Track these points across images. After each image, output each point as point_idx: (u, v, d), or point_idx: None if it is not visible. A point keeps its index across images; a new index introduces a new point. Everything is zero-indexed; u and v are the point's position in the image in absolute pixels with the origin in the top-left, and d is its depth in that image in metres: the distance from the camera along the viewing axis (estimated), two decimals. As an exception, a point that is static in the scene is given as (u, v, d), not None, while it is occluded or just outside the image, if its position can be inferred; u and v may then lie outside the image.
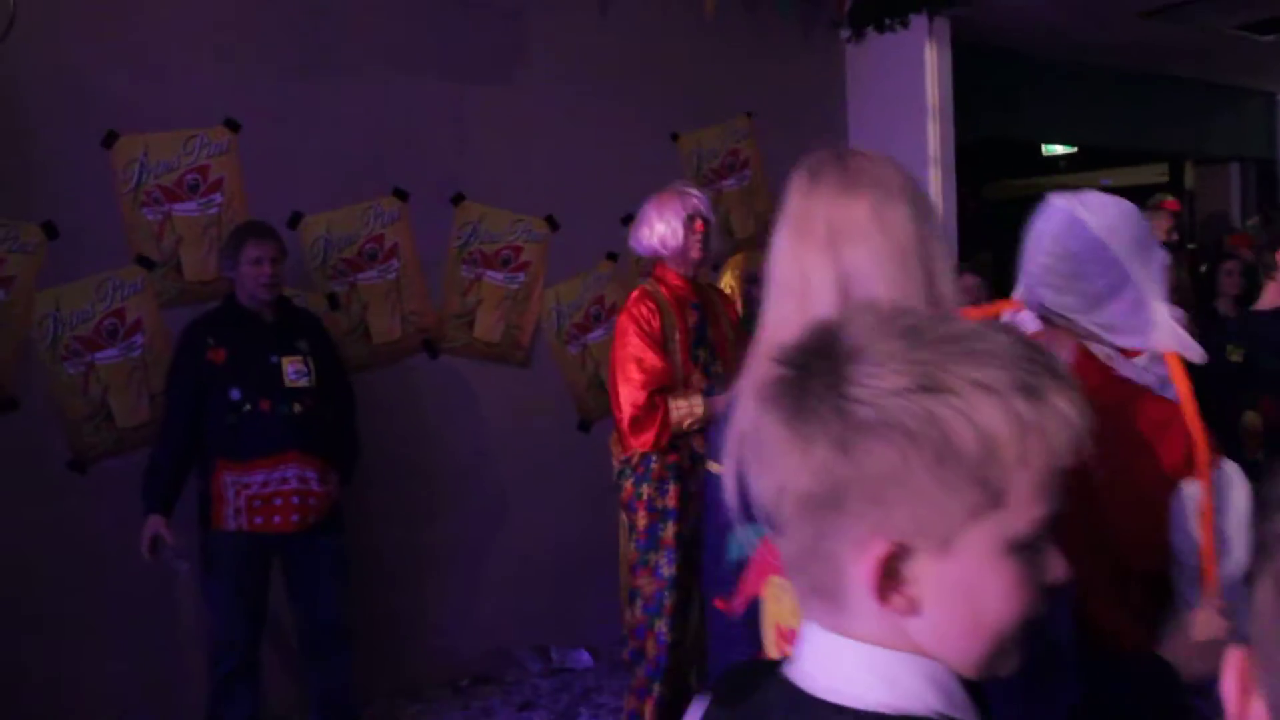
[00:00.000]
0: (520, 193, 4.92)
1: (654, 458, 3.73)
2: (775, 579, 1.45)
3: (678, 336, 3.78)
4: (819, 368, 0.83)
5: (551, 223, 5.01)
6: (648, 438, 3.66)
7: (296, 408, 3.64)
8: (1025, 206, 1.90)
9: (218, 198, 4.27)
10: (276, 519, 3.58)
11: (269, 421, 3.59)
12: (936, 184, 5.67)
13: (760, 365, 1.06)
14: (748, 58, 5.60)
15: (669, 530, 3.75)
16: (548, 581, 4.94)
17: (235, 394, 3.59)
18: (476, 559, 4.83)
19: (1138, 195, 10.83)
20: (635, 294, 3.84)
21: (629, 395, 3.69)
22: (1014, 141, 9.99)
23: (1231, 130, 8.52)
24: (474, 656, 4.77)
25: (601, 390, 5.16)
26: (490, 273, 4.88)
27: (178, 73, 4.17)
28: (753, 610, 1.50)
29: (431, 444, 4.68)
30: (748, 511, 1.31)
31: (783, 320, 1.43)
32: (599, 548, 5.00)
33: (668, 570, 3.74)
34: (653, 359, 3.68)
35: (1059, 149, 10.41)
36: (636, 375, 3.68)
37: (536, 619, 4.94)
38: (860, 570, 0.81)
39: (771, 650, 1.47)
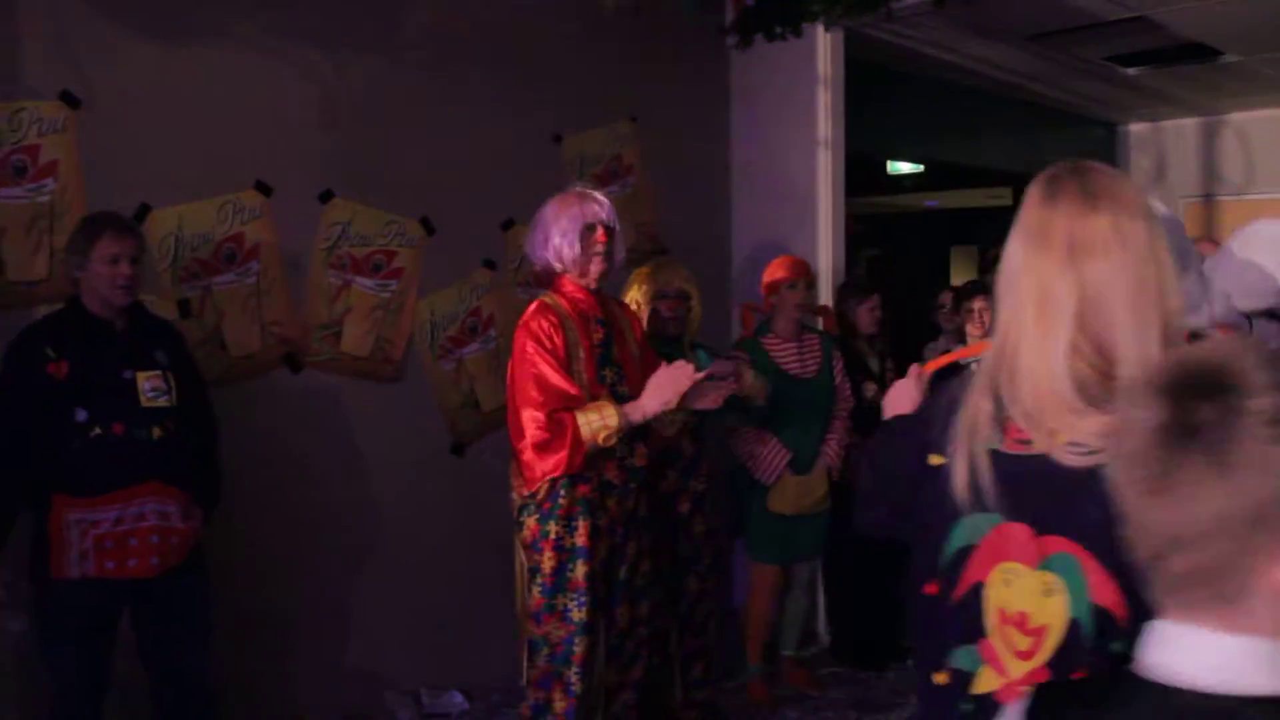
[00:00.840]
0: (394, 192, 4.48)
1: (562, 491, 3.37)
2: (1005, 565, 1.52)
3: (582, 355, 3.43)
4: (1220, 398, 0.96)
5: (426, 226, 4.58)
6: (559, 459, 3.30)
7: (156, 432, 3.12)
8: (868, 224, 1.83)
9: (49, 184, 3.69)
10: (132, 562, 3.05)
11: (123, 448, 3.06)
12: (827, 197, 5.49)
13: (1130, 392, 1.07)
14: (633, 59, 5.30)
15: (579, 570, 3.39)
16: (419, 619, 4.49)
17: (82, 415, 3.04)
18: (341, 598, 4.35)
19: (978, 217, 11.13)
20: (533, 307, 3.46)
21: (531, 417, 3.32)
22: (860, 157, 10.06)
23: (1073, 157, 8.68)
24: (340, 705, 4.29)
25: (476, 409, 4.76)
26: (360, 279, 4.41)
27: (2, 36, 3.58)
28: (971, 596, 1.55)
29: (293, 469, 4.18)
30: (979, 499, 1.51)
31: (1018, 331, 1.51)
32: (473, 581, 4.59)
33: (578, 614, 3.38)
34: (556, 379, 3.31)
35: (905, 167, 10.51)
36: (538, 396, 3.31)
37: (407, 661, 4.49)
38: (1273, 577, 0.95)
39: (994, 636, 1.53)
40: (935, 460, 1.60)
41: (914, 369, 2.13)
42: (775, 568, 4.66)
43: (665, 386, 3.33)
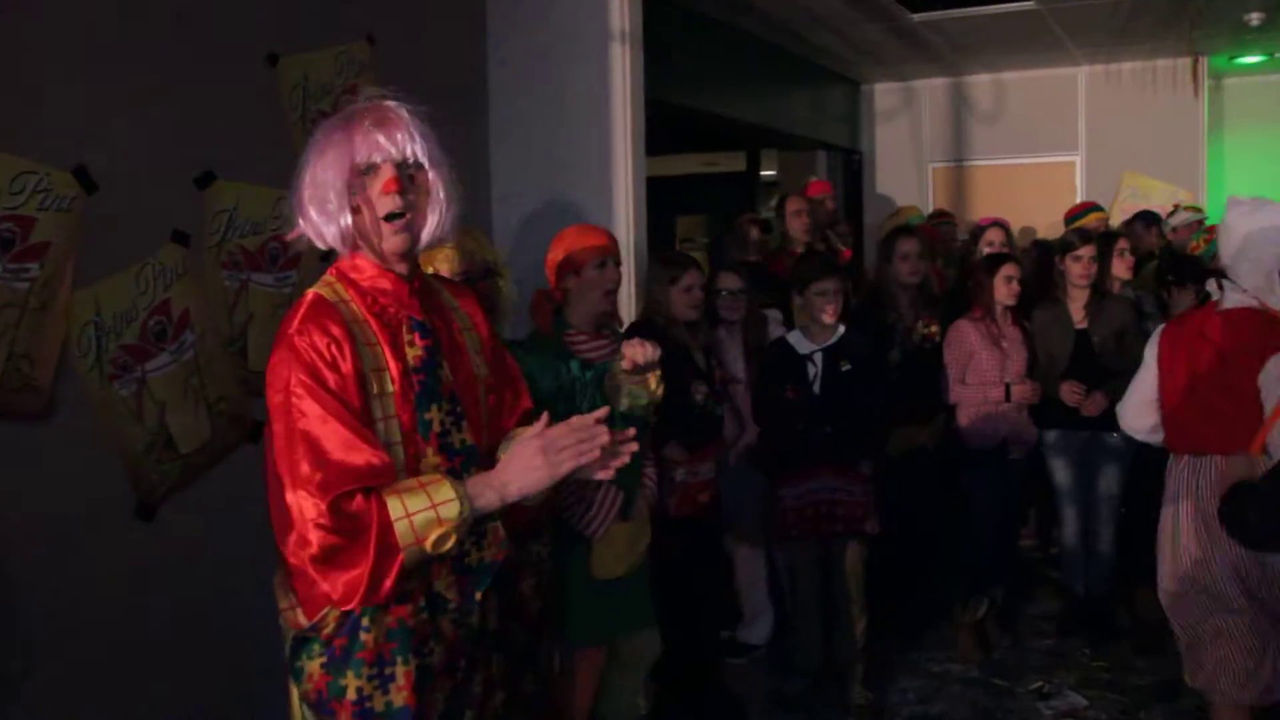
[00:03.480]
0: (31, 130, 2.89)
1: (366, 622, 2.04)
2: None
3: (391, 386, 2.09)
4: None
5: (83, 179, 3.01)
6: (352, 581, 1.94)
7: None
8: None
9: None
10: None
11: None
12: (625, 146, 4.31)
13: None
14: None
15: (400, 746, 2.07)
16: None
17: None
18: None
19: (704, 183, 10.24)
20: (301, 306, 2.08)
21: (304, 506, 1.95)
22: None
23: (816, 115, 7.95)
24: None
25: (171, 452, 3.26)
26: (-22, 263, 2.80)
27: None
28: None
29: None
30: None
31: None
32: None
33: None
34: (342, 439, 1.95)
35: None
36: (311, 471, 1.94)
37: None
38: None
39: None
40: None
41: None
42: (601, 649, 3.46)
43: (553, 458, 2.04)
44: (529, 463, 2.01)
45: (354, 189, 2.05)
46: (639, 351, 2.75)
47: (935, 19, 6.22)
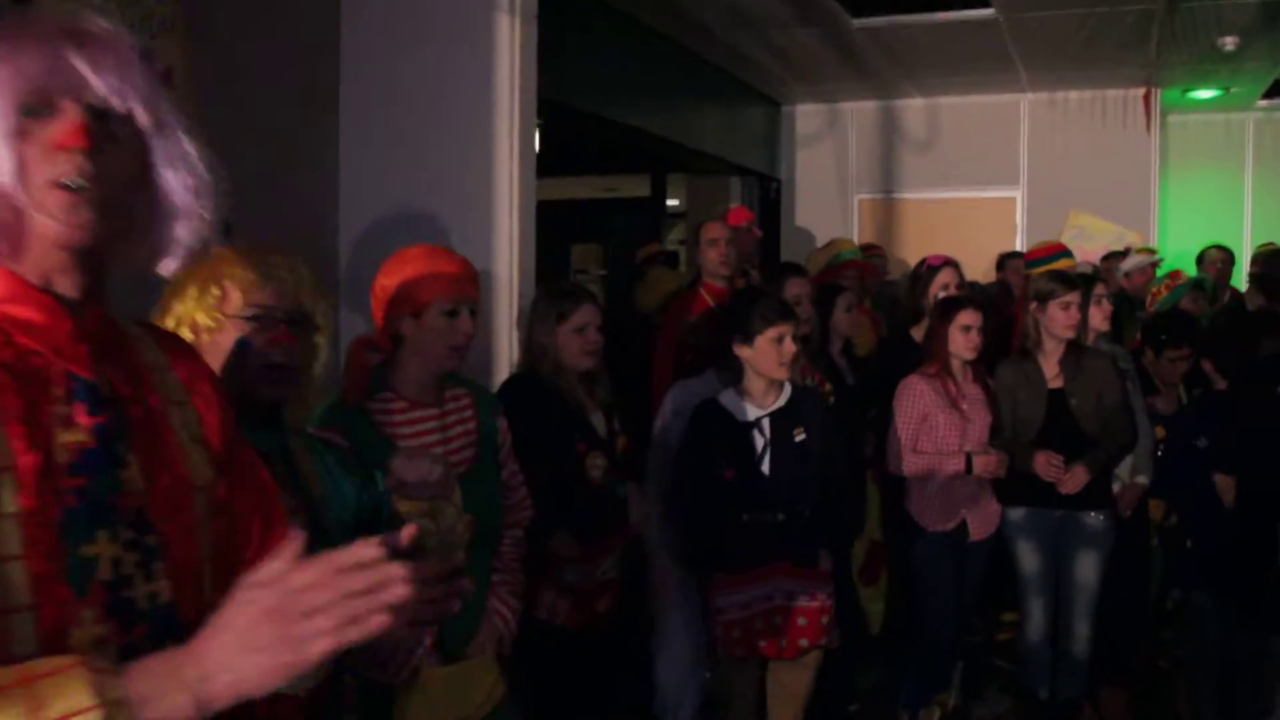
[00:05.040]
0: None
1: None
2: None
3: (15, 497, 1.09)
4: None
5: None
6: None
7: None
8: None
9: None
10: None
11: None
12: (511, 147, 3.39)
13: None
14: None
15: None
16: None
17: None
18: None
19: (605, 209, 9.38)
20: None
21: None
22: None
23: (731, 135, 7.12)
24: None
25: None
26: None
27: None
28: None
29: None
30: None
31: None
32: None
33: None
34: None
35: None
36: None
37: None
38: None
39: None
40: None
41: None
42: None
43: (295, 629, 1.06)
44: (251, 637, 1.06)
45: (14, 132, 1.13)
46: (411, 468, 1.83)
47: (877, 25, 5.46)
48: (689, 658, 3.89)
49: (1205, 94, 7.01)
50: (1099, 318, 4.36)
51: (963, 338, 4.02)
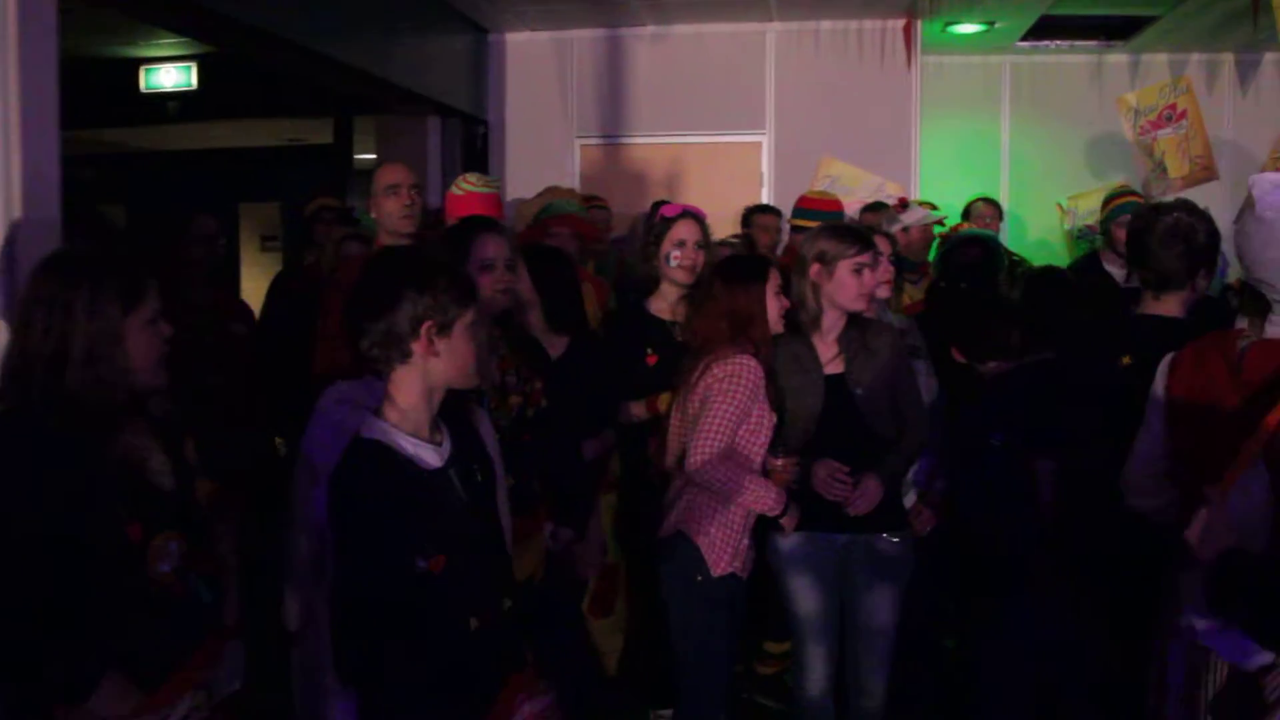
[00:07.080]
0: None
1: None
2: None
3: None
4: None
5: None
6: None
7: None
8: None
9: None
10: None
11: None
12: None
13: None
14: None
15: None
16: None
17: None
18: None
19: (274, 160, 7.89)
20: None
21: None
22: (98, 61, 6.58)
23: (430, 65, 5.84)
24: None
25: None
26: None
27: None
28: None
29: None
30: None
31: None
32: None
33: None
34: None
35: (167, 81, 7.20)
36: None
37: None
38: None
39: None
40: None
41: None
42: None
43: None
44: None
45: None
46: None
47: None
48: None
49: (969, 28, 6.24)
50: (877, 283, 3.41)
51: (775, 303, 3.15)
